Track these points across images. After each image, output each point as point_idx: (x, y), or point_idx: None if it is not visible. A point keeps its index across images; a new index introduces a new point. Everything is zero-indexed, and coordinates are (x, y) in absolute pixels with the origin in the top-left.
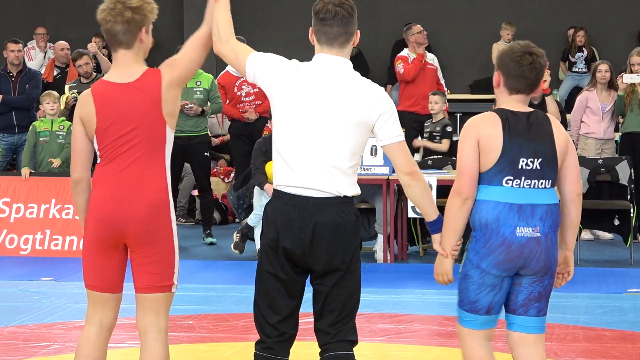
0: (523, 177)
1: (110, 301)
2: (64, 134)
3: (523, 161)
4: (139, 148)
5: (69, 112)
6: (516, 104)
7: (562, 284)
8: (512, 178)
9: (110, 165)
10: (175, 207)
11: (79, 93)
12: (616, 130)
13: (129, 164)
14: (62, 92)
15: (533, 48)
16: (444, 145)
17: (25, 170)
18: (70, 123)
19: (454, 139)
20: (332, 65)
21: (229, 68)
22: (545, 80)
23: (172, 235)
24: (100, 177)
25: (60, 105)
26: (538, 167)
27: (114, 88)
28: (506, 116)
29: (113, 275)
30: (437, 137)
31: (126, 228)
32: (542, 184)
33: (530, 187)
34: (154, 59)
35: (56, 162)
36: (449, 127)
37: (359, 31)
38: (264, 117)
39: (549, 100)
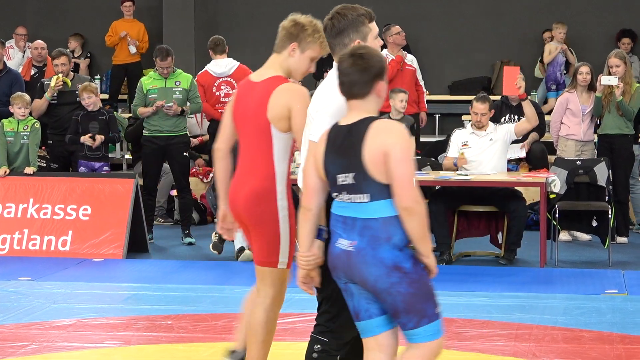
0: (344, 192)
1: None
2: (28, 133)
3: (339, 177)
4: (250, 141)
5: (53, 96)
6: (352, 112)
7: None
8: (336, 193)
9: (239, 154)
10: (154, 207)
11: (57, 93)
12: (595, 132)
13: (245, 153)
14: (39, 91)
15: (358, 50)
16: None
17: (2, 169)
18: (34, 120)
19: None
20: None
21: (208, 67)
22: (520, 87)
23: (277, 219)
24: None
25: (51, 84)
26: (353, 182)
27: (247, 84)
28: (331, 131)
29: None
30: None
31: (238, 211)
32: (359, 198)
33: (350, 202)
34: (136, 67)
35: (30, 170)
36: (414, 124)
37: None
38: None
39: (525, 105)
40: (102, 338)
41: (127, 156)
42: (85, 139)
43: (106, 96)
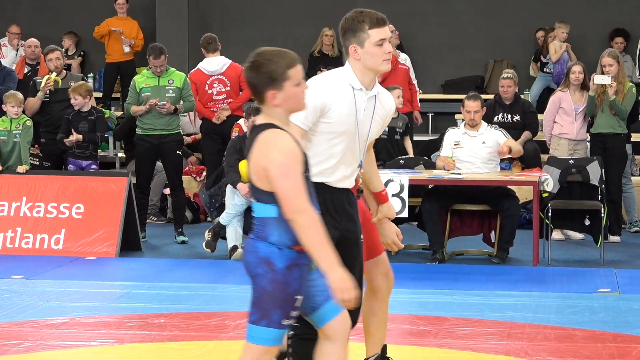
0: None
1: None
2: (20, 131)
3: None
4: None
5: (46, 94)
6: (262, 115)
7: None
8: None
9: None
10: (147, 205)
11: (49, 91)
12: (588, 131)
13: None
14: (32, 90)
15: (254, 55)
16: (409, 143)
17: None
18: (26, 118)
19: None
20: None
21: (200, 65)
22: (509, 150)
23: None
24: None
25: (42, 84)
26: (252, 185)
27: None
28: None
29: None
30: (399, 133)
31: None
32: (253, 198)
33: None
34: (129, 66)
35: (22, 169)
36: (409, 123)
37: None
38: (235, 116)
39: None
40: (95, 336)
41: (120, 154)
42: (73, 138)
43: (99, 94)
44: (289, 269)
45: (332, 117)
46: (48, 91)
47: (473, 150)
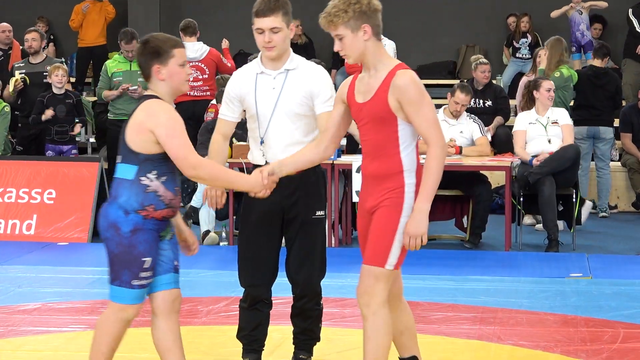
0: None
1: None
2: None
3: None
4: None
5: (17, 95)
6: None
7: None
8: None
9: None
10: None
11: (27, 75)
12: None
13: None
14: (5, 74)
15: (148, 35)
16: None
17: None
18: (4, 104)
19: None
20: None
21: None
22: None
23: None
24: None
25: (9, 88)
26: (122, 145)
27: None
28: None
29: None
30: None
31: None
32: (118, 159)
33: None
34: (102, 51)
35: None
36: None
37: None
38: (207, 100)
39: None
40: (67, 322)
41: (92, 140)
42: (48, 113)
43: (72, 79)
44: (133, 232)
45: (245, 103)
46: (21, 85)
47: (449, 137)
